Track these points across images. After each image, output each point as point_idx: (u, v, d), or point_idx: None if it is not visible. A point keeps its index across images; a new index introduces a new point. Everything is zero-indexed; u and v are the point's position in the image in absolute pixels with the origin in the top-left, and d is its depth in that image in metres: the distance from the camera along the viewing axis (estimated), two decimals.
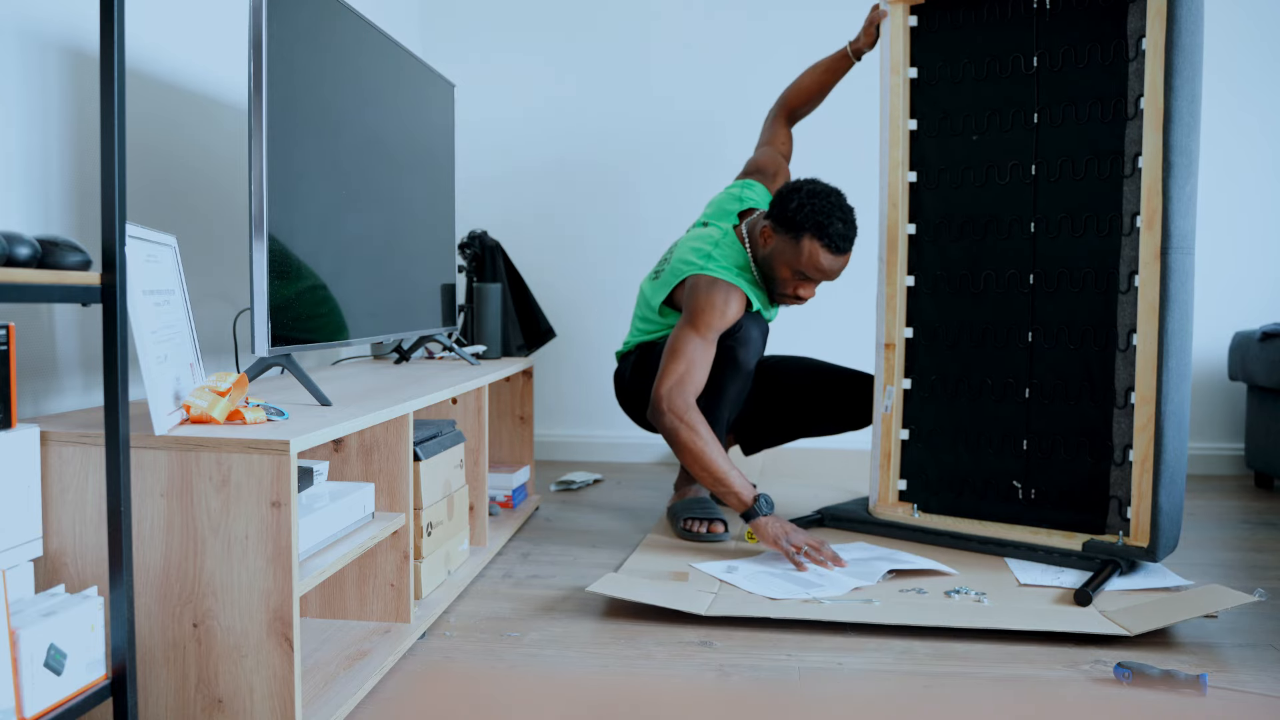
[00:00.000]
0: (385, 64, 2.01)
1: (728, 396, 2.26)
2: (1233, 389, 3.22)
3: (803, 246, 2.18)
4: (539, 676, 1.47)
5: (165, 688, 1.22)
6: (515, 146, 3.43)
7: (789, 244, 2.20)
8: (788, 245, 2.20)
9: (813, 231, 2.16)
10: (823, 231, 2.15)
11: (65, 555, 1.23)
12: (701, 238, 2.36)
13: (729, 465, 2.09)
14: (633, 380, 2.44)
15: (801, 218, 2.16)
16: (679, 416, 2.12)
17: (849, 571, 1.92)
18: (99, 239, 1.02)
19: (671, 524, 2.31)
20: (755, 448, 2.63)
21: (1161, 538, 1.87)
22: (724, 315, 2.18)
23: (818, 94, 2.55)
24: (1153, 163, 1.88)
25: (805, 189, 2.20)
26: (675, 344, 2.19)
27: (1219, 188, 3.17)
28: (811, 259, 2.18)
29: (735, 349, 2.20)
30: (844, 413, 2.48)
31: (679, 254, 2.35)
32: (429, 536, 1.76)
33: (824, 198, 2.18)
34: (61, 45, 1.58)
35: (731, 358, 2.21)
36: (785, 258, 2.21)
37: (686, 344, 2.17)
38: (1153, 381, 1.88)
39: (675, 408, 2.13)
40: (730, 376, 2.23)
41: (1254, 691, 1.42)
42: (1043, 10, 2.08)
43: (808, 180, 2.24)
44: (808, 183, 2.22)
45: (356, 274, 1.87)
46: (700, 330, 2.18)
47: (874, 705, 1.40)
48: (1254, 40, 3.16)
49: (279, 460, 1.19)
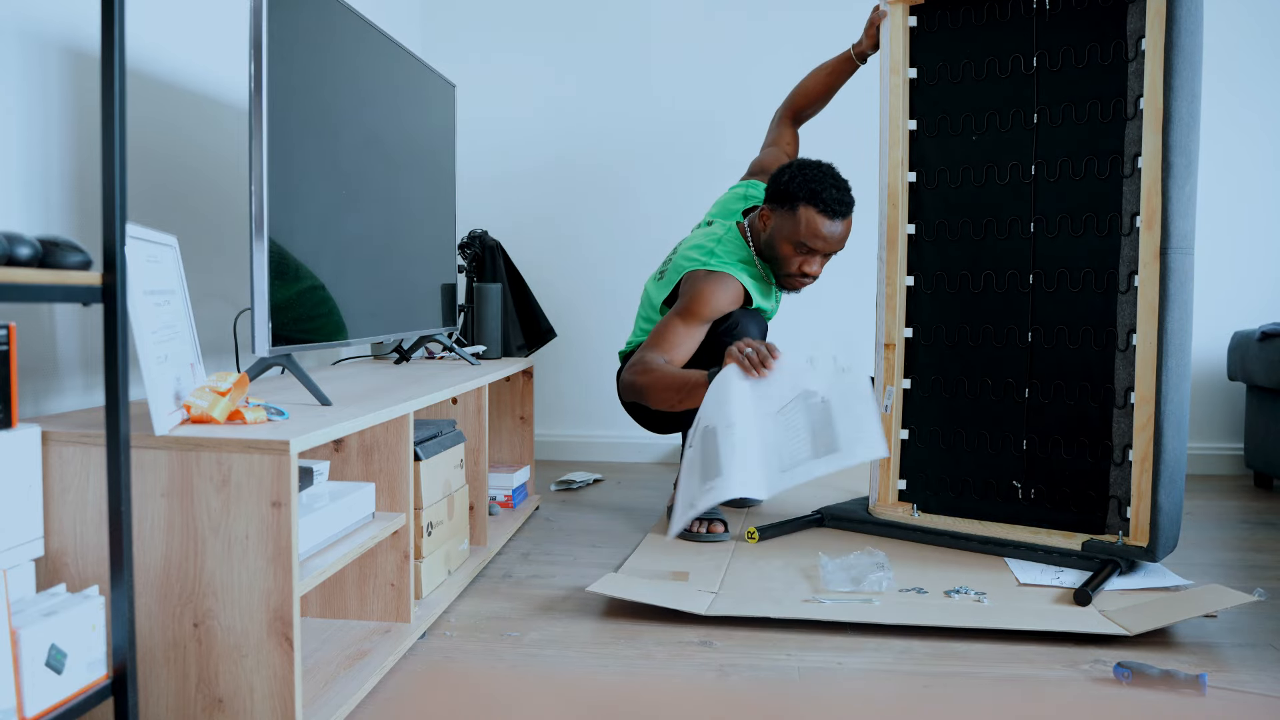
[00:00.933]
0: (385, 64, 2.01)
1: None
2: (1232, 389, 3.22)
3: (800, 216, 2.17)
4: (539, 676, 1.47)
5: (166, 687, 1.22)
6: (516, 146, 3.44)
7: (787, 217, 2.19)
8: (786, 219, 2.20)
9: (807, 199, 2.16)
10: (817, 197, 2.15)
11: (66, 555, 1.23)
12: (705, 235, 2.37)
13: (683, 372, 2.06)
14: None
15: (795, 188, 2.17)
16: (631, 369, 2.14)
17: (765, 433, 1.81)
18: (99, 239, 1.02)
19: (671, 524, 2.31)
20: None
21: (1161, 537, 1.87)
22: (711, 303, 2.17)
23: (822, 96, 2.56)
24: (1152, 163, 1.88)
25: (796, 163, 2.22)
26: (657, 327, 2.21)
27: (1219, 187, 3.17)
28: (810, 227, 2.17)
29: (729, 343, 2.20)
30: None
31: (682, 252, 2.36)
32: (429, 536, 1.76)
33: (815, 168, 2.19)
34: (62, 45, 1.58)
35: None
36: (785, 232, 2.20)
37: (666, 324, 2.19)
38: (1152, 381, 1.88)
39: (629, 366, 2.15)
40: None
41: (1254, 691, 1.42)
42: (1042, 10, 2.08)
43: (800, 158, 2.26)
44: (799, 160, 2.24)
45: (357, 274, 1.87)
46: (684, 316, 2.18)
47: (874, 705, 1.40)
48: (1254, 38, 3.16)
49: (279, 460, 1.19)
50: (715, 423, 1.79)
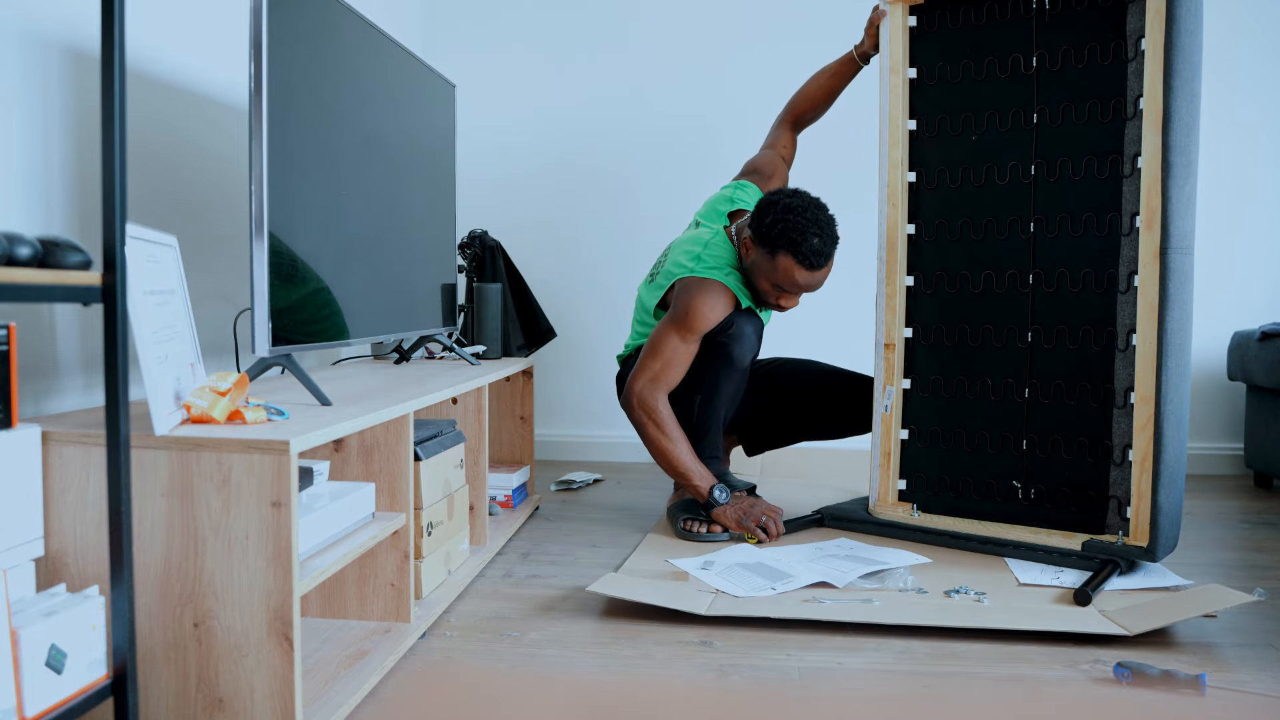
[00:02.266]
0: (385, 64, 2.01)
1: (723, 393, 2.26)
2: (1232, 389, 3.22)
3: (778, 263, 2.17)
4: (539, 676, 1.47)
5: (166, 687, 1.22)
6: (516, 147, 3.44)
7: (765, 259, 2.20)
8: (764, 260, 2.20)
9: (787, 248, 2.15)
10: (797, 249, 2.14)
11: (66, 555, 1.23)
12: (693, 240, 2.37)
13: (692, 460, 2.20)
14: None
15: (776, 234, 2.15)
16: (648, 413, 2.21)
17: (817, 567, 1.95)
18: (100, 239, 1.02)
19: (671, 524, 2.31)
20: (757, 449, 2.64)
21: (1161, 537, 1.87)
22: (706, 317, 2.20)
23: (825, 99, 2.54)
24: (1152, 163, 1.88)
25: (782, 204, 2.17)
26: (655, 342, 2.23)
27: (1219, 187, 3.17)
28: (787, 275, 2.18)
29: (729, 345, 2.21)
30: (847, 417, 2.48)
31: (672, 257, 2.37)
32: (429, 536, 1.76)
33: (800, 213, 2.15)
34: (62, 46, 1.58)
35: (725, 354, 2.21)
36: (763, 271, 2.22)
37: (665, 343, 2.22)
38: (1152, 381, 1.89)
39: (645, 404, 2.22)
40: (725, 373, 2.23)
41: (1253, 691, 1.42)
42: (1042, 10, 2.08)
43: (789, 193, 2.20)
44: (787, 195, 2.19)
45: (357, 274, 1.87)
46: (680, 332, 2.21)
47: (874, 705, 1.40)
48: (1254, 38, 3.16)
49: (279, 460, 1.19)
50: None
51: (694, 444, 2.26)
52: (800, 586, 1.83)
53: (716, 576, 1.90)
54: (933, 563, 2.00)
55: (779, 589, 1.81)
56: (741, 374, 2.27)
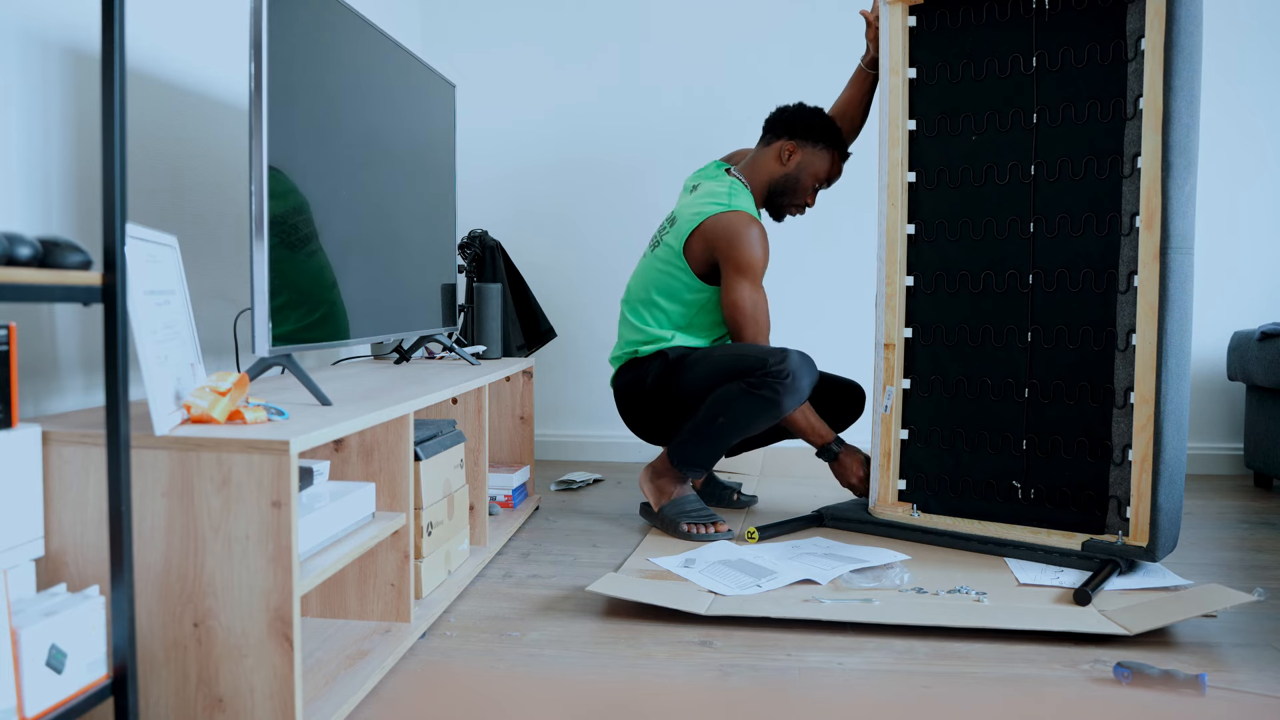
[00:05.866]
0: (386, 64, 2.01)
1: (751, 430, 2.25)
2: (1232, 389, 3.22)
3: (831, 157, 2.44)
4: (539, 676, 1.48)
5: (166, 687, 1.22)
6: (515, 146, 3.44)
7: (820, 155, 2.43)
8: (818, 157, 2.43)
9: (835, 144, 2.44)
10: (842, 145, 2.46)
11: (66, 555, 1.23)
12: (710, 191, 2.41)
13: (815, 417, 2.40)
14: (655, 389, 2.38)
15: (828, 133, 2.42)
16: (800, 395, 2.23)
17: (797, 565, 1.96)
18: (100, 239, 1.02)
19: (667, 528, 2.29)
20: (735, 450, 2.63)
21: (1161, 537, 1.87)
22: (765, 258, 2.33)
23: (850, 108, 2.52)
24: (1152, 163, 1.88)
25: (815, 109, 2.45)
26: (739, 305, 2.32)
27: (1219, 187, 3.17)
28: (835, 168, 2.47)
29: (781, 395, 2.18)
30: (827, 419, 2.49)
31: (692, 207, 2.39)
32: (429, 536, 1.76)
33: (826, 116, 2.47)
34: (62, 45, 1.58)
35: (773, 402, 2.19)
36: (814, 168, 2.44)
37: (753, 302, 2.33)
38: (1152, 381, 1.89)
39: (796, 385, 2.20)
40: (765, 417, 2.22)
41: (1253, 691, 1.42)
42: (1041, 10, 2.08)
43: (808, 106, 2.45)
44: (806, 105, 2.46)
45: (357, 274, 1.87)
46: (753, 282, 2.32)
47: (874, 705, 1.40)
48: (1254, 38, 3.17)
49: (279, 460, 1.20)
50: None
51: (694, 444, 2.26)
52: (785, 584, 1.84)
53: (700, 574, 1.90)
54: (911, 559, 2.03)
55: (764, 586, 1.83)
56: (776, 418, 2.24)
